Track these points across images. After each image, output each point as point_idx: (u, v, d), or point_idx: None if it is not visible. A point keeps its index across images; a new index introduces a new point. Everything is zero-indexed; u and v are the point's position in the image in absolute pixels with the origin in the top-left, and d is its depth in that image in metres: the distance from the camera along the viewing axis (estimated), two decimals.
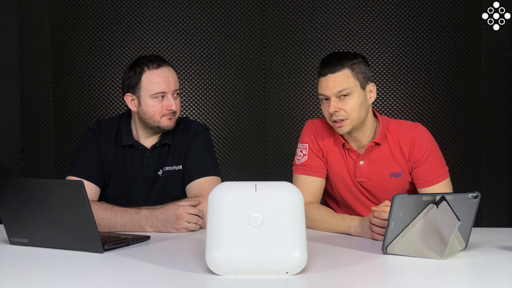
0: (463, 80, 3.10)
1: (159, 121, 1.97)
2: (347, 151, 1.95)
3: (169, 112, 1.96)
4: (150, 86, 1.95)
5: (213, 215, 1.20)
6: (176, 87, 1.99)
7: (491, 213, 3.09)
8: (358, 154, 1.93)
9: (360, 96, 1.84)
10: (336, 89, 1.82)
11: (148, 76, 1.96)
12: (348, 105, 1.82)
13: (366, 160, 1.92)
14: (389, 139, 1.92)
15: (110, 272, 1.29)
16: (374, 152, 1.92)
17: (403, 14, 3.10)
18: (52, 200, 1.45)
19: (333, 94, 1.83)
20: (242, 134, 3.14)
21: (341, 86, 1.81)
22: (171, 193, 2.00)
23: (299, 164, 1.98)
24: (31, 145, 3.11)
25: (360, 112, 1.84)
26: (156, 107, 1.96)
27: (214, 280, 1.17)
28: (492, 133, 3.09)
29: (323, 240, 1.65)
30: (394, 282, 1.23)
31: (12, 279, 1.21)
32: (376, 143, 1.91)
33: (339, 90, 1.82)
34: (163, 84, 1.95)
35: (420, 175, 1.89)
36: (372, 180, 1.93)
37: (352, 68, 1.83)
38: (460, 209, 1.31)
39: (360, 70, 1.85)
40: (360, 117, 1.85)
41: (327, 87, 1.83)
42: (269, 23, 3.14)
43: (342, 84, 1.82)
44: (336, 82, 1.82)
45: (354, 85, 1.83)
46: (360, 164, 1.93)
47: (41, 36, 3.10)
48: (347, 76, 1.82)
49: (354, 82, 1.83)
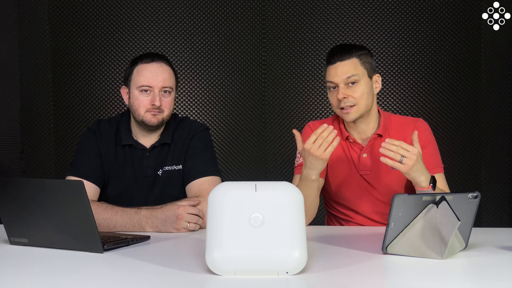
0: (463, 80, 3.10)
1: (143, 116, 1.96)
2: (350, 145, 1.98)
3: (152, 108, 1.96)
4: (138, 79, 1.96)
5: (213, 215, 1.20)
6: (166, 84, 1.97)
7: (491, 213, 3.09)
8: (362, 147, 1.96)
9: (368, 84, 1.90)
10: (345, 75, 1.87)
11: (138, 69, 1.97)
12: (356, 92, 1.88)
13: (369, 153, 1.95)
14: (391, 131, 1.96)
15: (110, 272, 1.29)
16: (376, 145, 1.94)
17: (403, 14, 3.10)
18: (52, 200, 1.45)
19: (342, 81, 1.88)
20: (242, 134, 3.14)
21: (350, 73, 1.87)
22: (171, 193, 2.00)
23: (297, 165, 2.01)
24: (31, 145, 3.11)
25: (368, 100, 1.90)
26: (141, 101, 1.96)
27: (214, 280, 1.17)
28: (492, 133, 3.09)
29: (323, 240, 1.65)
30: (394, 282, 1.23)
31: (12, 279, 1.21)
32: (379, 134, 1.94)
33: (348, 77, 1.87)
34: (150, 78, 1.95)
35: None
36: (374, 173, 1.95)
37: (360, 58, 1.90)
38: (460, 209, 1.31)
39: (367, 60, 1.92)
40: (367, 105, 1.90)
41: (336, 74, 1.89)
42: (269, 23, 3.14)
43: (350, 70, 1.87)
44: (345, 69, 1.88)
45: (362, 73, 1.89)
46: (363, 157, 1.96)
47: (41, 36, 3.10)
48: (355, 64, 1.89)
49: (362, 70, 1.90)
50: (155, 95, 1.95)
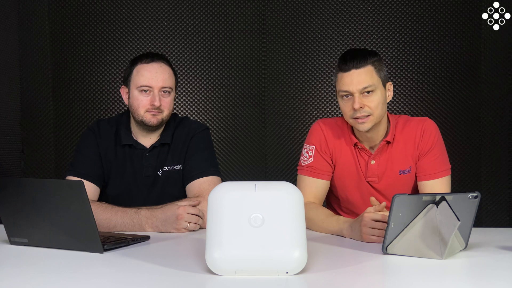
0: (463, 80, 3.10)
1: (143, 116, 1.96)
2: (358, 151, 1.93)
3: (152, 108, 1.95)
4: (138, 79, 1.96)
5: (213, 215, 1.20)
6: (166, 84, 1.97)
7: (491, 213, 3.09)
8: (370, 154, 1.92)
9: (383, 93, 1.84)
10: (362, 85, 1.78)
11: (138, 69, 1.97)
12: (373, 102, 1.80)
13: (377, 160, 1.91)
14: (398, 136, 1.91)
15: (110, 272, 1.29)
16: (384, 151, 1.91)
17: (403, 14, 3.10)
18: (52, 200, 1.45)
19: (358, 90, 1.79)
20: (242, 134, 3.14)
21: (367, 83, 1.78)
22: (171, 193, 2.00)
23: (305, 165, 1.96)
24: (31, 145, 3.11)
25: (383, 109, 1.84)
26: (141, 101, 1.96)
27: (214, 280, 1.17)
28: (492, 133, 3.09)
29: (323, 240, 1.65)
30: (394, 282, 1.23)
31: (12, 279, 1.21)
32: (387, 141, 1.90)
33: (365, 87, 1.78)
34: (150, 78, 1.95)
35: (423, 166, 1.89)
36: (382, 180, 1.92)
37: (375, 65, 1.82)
38: (460, 209, 1.31)
39: (381, 68, 1.84)
40: (381, 115, 1.84)
41: (351, 83, 1.79)
42: (269, 23, 3.14)
43: (367, 80, 1.79)
44: (361, 78, 1.79)
45: (377, 82, 1.81)
46: (371, 164, 1.92)
47: (41, 36, 3.10)
48: (371, 73, 1.80)
49: (377, 79, 1.82)
50: (154, 95, 1.95)
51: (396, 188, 1.90)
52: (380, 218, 1.56)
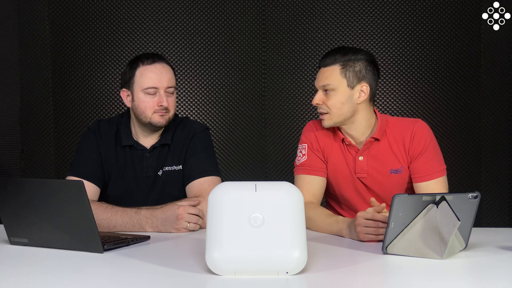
0: (463, 80, 3.10)
1: (151, 117, 1.96)
2: (346, 147, 1.96)
3: (160, 109, 1.95)
4: (142, 81, 1.95)
5: (213, 215, 1.20)
6: (170, 84, 1.98)
7: (491, 213, 3.09)
8: (357, 149, 1.94)
9: (344, 94, 1.86)
10: (322, 82, 1.88)
11: (141, 71, 1.96)
12: (329, 100, 1.87)
13: (366, 156, 1.93)
14: (389, 134, 1.92)
15: (110, 272, 1.29)
16: (373, 148, 1.92)
17: (403, 14, 3.10)
18: (52, 200, 1.45)
19: (319, 87, 1.89)
20: (242, 134, 3.14)
21: (326, 81, 1.87)
22: (171, 193, 2.00)
23: (299, 164, 1.99)
24: (31, 145, 3.11)
25: (342, 109, 1.87)
26: (147, 103, 1.95)
27: (214, 280, 1.17)
28: (492, 133, 3.09)
29: (323, 240, 1.65)
30: (394, 282, 1.23)
31: (12, 279, 1.21)
32: (375, 138, 1.91)
33: (323, 84, 1.88)
34: (155, 79, 1.95)
35: (417, 168, 1.89)
36: (372, 176, 1.93)
37: (343, 65, 1.85)
38: (460, 209, 1.31)
39: (353, 69, 1.85)
40: (341, 115, 1.88)
41: (316, 79, 1.91)
42: (269, 23, 3.14)
43: (327, 79, 1.87)
44: (323, 76, 1.88)
45: (338, 82, 1.85)
46: (359, 160, 1.93)
47: (41, 36, 3.10)
48: (335, 72, 1.86)
49: (340, 79, 1.85)
50: (161, 96, 1.95)
51: (387, 187, 1.92)
52: (371, 216, 1.57)
